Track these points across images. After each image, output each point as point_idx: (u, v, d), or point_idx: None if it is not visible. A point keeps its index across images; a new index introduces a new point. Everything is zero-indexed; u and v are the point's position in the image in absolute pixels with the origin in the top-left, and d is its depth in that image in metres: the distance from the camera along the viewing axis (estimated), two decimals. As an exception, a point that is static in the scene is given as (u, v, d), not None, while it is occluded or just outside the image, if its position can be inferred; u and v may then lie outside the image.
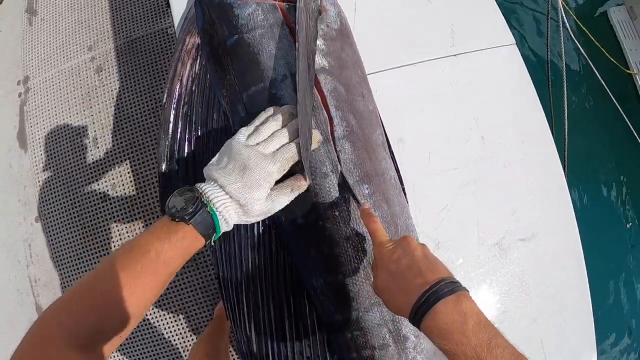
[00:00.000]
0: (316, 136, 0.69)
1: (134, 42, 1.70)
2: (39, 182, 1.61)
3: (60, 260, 1.56)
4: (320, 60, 0.78)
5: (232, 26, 0.80)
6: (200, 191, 0.61)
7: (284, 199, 0.63)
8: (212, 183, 0.62)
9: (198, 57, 0.86)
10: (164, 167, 0.83)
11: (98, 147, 1.59)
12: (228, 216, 0.61)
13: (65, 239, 1.57)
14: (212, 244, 0.64)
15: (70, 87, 1.68)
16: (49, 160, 1.63)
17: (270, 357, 0.75)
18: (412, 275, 0.56)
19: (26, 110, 1.69)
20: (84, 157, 1.60)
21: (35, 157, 1.64)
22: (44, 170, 1.62)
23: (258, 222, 0.76)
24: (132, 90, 1.64)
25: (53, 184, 1.61)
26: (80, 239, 1.56)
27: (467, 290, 0.55)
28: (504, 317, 0.99)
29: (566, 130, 1.97)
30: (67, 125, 1.64)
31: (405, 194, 0.83)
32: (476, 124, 0.98)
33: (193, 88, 0.85)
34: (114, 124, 1.62)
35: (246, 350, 0.76)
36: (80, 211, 1.57)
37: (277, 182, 0.63)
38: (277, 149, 0.63)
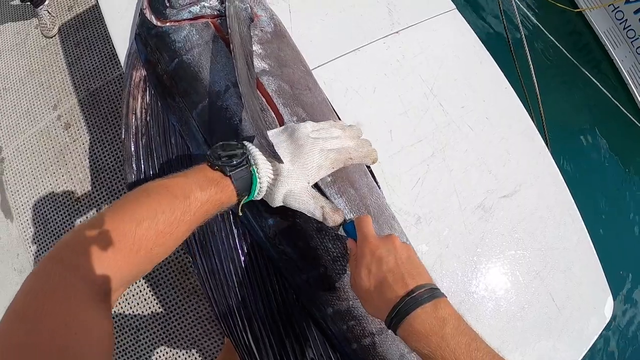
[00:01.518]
0: (373, 154, 0.69)
1: (95, 93, 1.73)
2: (29, 247, 1.62)
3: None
4: (259, 64, 0.79)
5: (171, 51, 0.83)
6: (248, 149, 0.60)
7: (309, 203, 0.61)
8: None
9: (147, 87, 0.88)
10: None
11: (80, 201, 1.60)
12: (264, 182, 0.59)
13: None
14: (240, 213, 0.61)
15: (43, 149, 1.70)
16: (35, 223, 1.64)
17: None
18: (392, 280, 0.55)
19: (4, 179, 1.70)
20: (69, 214, 1.60)
21: (22, 224, 1.65)
22: (32, 235, 1.63)
23: (232, 233, 0.77)
24: (102, 140, 1.67)
25: (44, 246, 1.61)
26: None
27: (445, 296, 0.55)
28: (505, 279, 0.98)
29: (537, 89, 1.98)
30: (47, 186, 1.65)
31: (373, 174, 0.84)
32: (432, 93, 0.99)
33: (147, 118, 0.87)
34: (91, 175, 1.64)
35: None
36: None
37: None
38: (334, 148, 0.64)
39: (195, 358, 1.51)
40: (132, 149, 0.85)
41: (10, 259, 1.62)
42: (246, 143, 0.61)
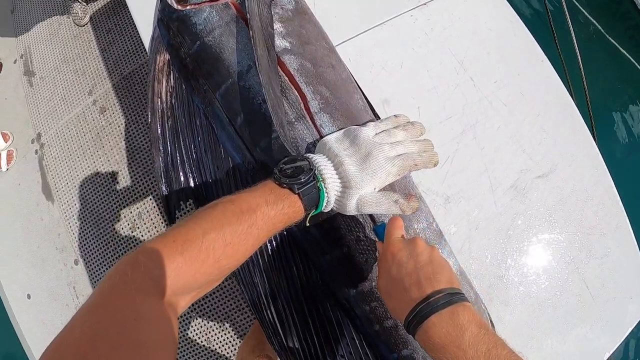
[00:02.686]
0: (435, 158, 0.66)
1: (128, 77, 1.77)
2: (70, 227, 1.70)
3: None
4: (280, 42, 0.78)
5: (193, 34, 0.82)
6: (314, 164, 0.60)
7: (383, 204, 0.61)
8: (324, 157, 0.61)
9: (171, 71, 0.88)
10: (163, 182, 0.86)
11: (117, 182, 1.67)
12: (332, 196, 0.60)
13: (105, 273, 1.64)
14: (307, 223, 0.62)
15: (81, 133, 1.77)
16: (75, 204, 1.72)
17: (299, 346, 0.75)
18: (410, 284, 0.54)
19: (45, 164, 1.80)
20: (107, 194, 1.68)
21: (62, 205, 1.74)
22: (73, 215, 1.71)
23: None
24: (137, 122, 1.71)
25: (84, 225, 1.69)
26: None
27: (467, 301, 0.53)
28: (537, 264, 0.95)
29: (580, 63, 1.84)
30: (85, 169, 1.73)
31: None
32: (462, 67, 0.94)
33: (172, 101, 0.88)
34: (127, 157, 1.70)
35: (278, 345, 0.77)
36: (114, 244, 1.65)
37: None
38: (399, 155, 0.62)
39: (228, 331, 1.57)
40: (159, 131, 0.87)
41: (52, 238, 1.72)
42: (311, 156, 0.62)
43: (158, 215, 1.62)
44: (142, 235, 1.62)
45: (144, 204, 1.64)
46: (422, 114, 0.90)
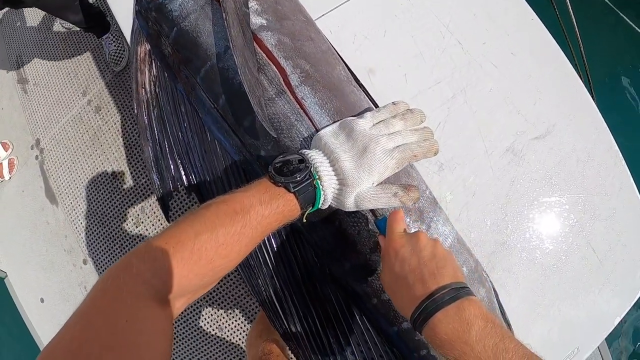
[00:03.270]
0: (434, 147, 0.64)
1: (119, 74, 1.78)
2: (76, 228, 1.73)
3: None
4: (256, 20, 0.76)
5: (170, 21, 0.82)
6: (310, 161, 0.59)
7: (382, 198, 0.60)
8: (320, 153, 0.60)
9: (152, 61, 0.88)
10: (154, 172, 0.86)
11: (118, 179, 1.69)
12: (329, 194, 0.59)
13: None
14: (304, 220, 0.61)
15: (78, 134, 1.79)
16: (79, 205, 1.75)
17: (300, 326, 0.75)
18: (414, 281, 0.54)
19: (46, 168, 1.82)
20: (108, 192, 1.71)
21: (67, 207, 1.76)
22: (77, 216, 1.74)
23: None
24: (132, 118, 1.72)
25: (89, 225, 1.72)
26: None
27: (472, 295, 0.52)
28: (539, 228, 0.93)
29: (575, 23, 1.78)
30: (85, 169, 1.75)
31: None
32: (448, 31, 0.92)
33: (156, 90, 0.88)
34: (125, 153, 1.71)
35: (280, 326, 0.77)
36: (120, 241, 1.68)
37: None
38: (398, 146, 0.61)
39: (238, 317, 1.59)
40: (146, 121, 0.87)
41: (59, 240, 1.75)
42: (306, 152, 0.60)
43: (159, 209, 1.64)
44: (146, 229, 1.64)
45: (146, 198, 1.66)
46: (409, 81, 0.88)
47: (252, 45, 0.74)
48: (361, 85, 0.81)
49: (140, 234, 1.64)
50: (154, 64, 0.88)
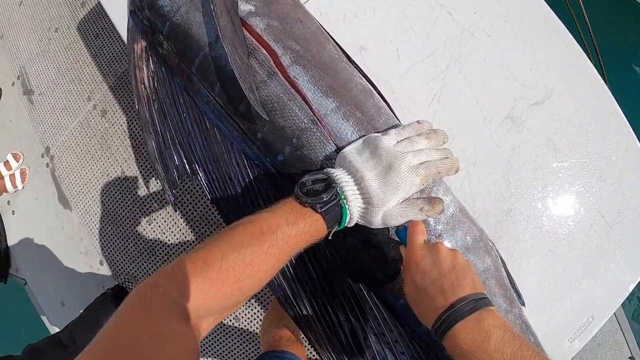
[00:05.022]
0: (456, 164, 0.66)
1: (122, 76, 1.83)
2: (91, 230, 1.80)
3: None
4: (244, 7, 0.79)
5: (162, 16, 0.85)
6: (336, 181, 0.60)
7: (409, 214, 0.61)
8: (345, 172, 0.61)
9: (149, 57, 0.92)
10: (159, 164, 0.90)
11: (128, 179, 1.75)
12: (355, 213, 0.60)
13: (130, 269, 1.75)
14: (329, 237, 0.62)
15: (86, 139, 1.85)
16: (92, 208, 1.81)
17: (310, 307, 0.78)
18: (434, 293, 0.56)
19: (57, 175, 1.89)
20: (120, 192, 1.77)
21: (80, 211, 1.83)
22: (91, 219, 1.81)
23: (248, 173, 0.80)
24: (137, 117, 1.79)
25: (103, 226, 1.78)
26: (143, 262, 1.73)
27: (491, 306, 0.55)
28: (545, 195, 0.94)
29: None
30: (96, 172, 1.82)
31: (381, 94, 0.82)
32: (438, 3, 0.93)
33: (155, 85, 0.92)
34: (134, 153, 1.77)
35: (292, 310, 0.80)
36: (134, 239, 1.74)
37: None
38: (422, 163, 0.62)
39: (253, 305, 1.65)
40: (147, 115, 0.91)
41: (76, 244, 1.82)
42: (331, 171, 0.62)
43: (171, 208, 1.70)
44: (159, 226, 1.70)
45: (157, 195, 1.72)
46: (402, 56, 0.90)
47: (241, 32, 0.78)
48: (353, 63, 0.84)
49: (153, 231, 1.70)
50: (150, 60, 0.92)
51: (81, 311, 1.61)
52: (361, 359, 0.78)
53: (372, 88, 0.81)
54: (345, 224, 0.61)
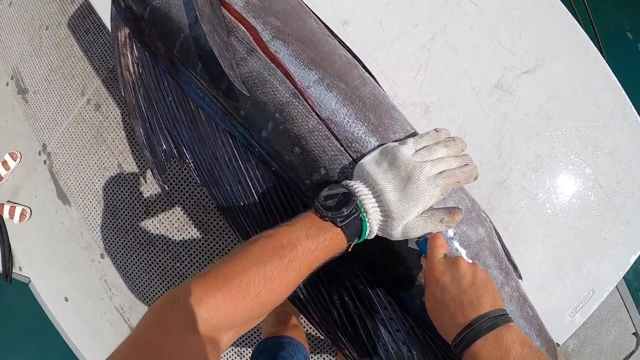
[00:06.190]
0: (475, 171, 0.67)
1: (114, 69, 1.85)
2: (90, 224, 1.83)
3: (135, 281, 1.78)
4: (223, -15, 0.80)
5: (142, 1, 0.86)
6: (356, 194, 0.60)
7: (429, 226, 0.61)
8: (364, 185, 0.62)
9: (132, 43, 0.93)
10: (147, 149, 0.91)
11: (125, 171, 1.78)
12: (374, 226, 0.61)
13: (131, 261, 1.78)
14: (349, 250, 0.63)
15: (82, 133, 1.88)
16: (90, 202, 1.85)
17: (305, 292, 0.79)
18: (454, 309, 0.57)
19: (55, 171, 1.92)
20: (117, 185, 1.80)
21: (79, 206, 1.86)
22: (90, 213, 1.84)
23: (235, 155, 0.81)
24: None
25: (102, 219, 1.82)
26: (143, 256, 1.76)
27: (511, 322, 0.56)
28: (538, 165, 0.93)
29: None
30: (93, 166, 1.85)
31: (364, 66, 0.82)
32: (422, -27, 0.92)
33: (140, 71, 0.93)
34: (129, 146, 1.79)
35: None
36: (133, 231, 1.77)
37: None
38: (441, 172, 0.63)
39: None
40: (133, 102, 0.92)
41: (76, 239, 1.85)
42: (350, 184, 0.62)
43: (168, 198, 1.71)
44: (156, 215, 1.73)
45: (154, 185, 1.74)
46: (386, 28, 0.89)
47: (220, 10, 0.78)
48: (336, 36, 0.84)
49: (152, 222, 1.73)
50: (134, 46, 0.93)
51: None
52: (357, 338, 0.78)
53: (355, 60, 0.81)
54: (365, 237, 0.62)
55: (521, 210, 0.93)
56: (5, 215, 1.99)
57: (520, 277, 0.87)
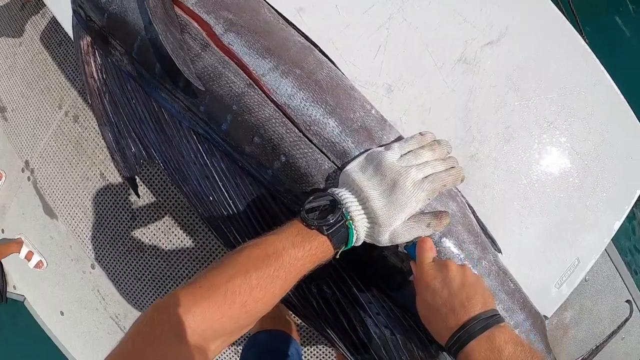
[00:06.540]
0: (461, 174, 0.69)
1: (89, 81, 1.89)
2: (79, 236, 1.87)
3: (127, 288, 1.82)
4: (175, -15, 0.83)
5: (100, 9, 0.89)
6: (341, 202, 0.62)
7: (416, 231, 0.63)
8: (349, 192, 0.63)
9: (95, 50, 0.97)
10: (117, 153, 0.95)
11: (107, 180, 1.83)
12: (361, 233, 0.62)
13: (122, 269, 1.82)
14: (337, 257, 0.65)
15: (62, 146, 1.92)
16: (77, 214, 1.89)
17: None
18: (446, 313, 0.60)
19: (39, 187, 1.97)
20: (101, 194, 1.84)
21: (66, 219, 1.90)
22: (78, 225, 1.88)
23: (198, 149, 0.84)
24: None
25: (90, 230, 1.85)
26: (133, 262, 1.80)
27: (502, 322, 0.59)
28: (510, 135, 0.93)
29: None
30: (75, 177, 1.89)
31: (323, 53, 0.84)
32: (374, -45, 0.94)
33: (104, 77, 0.96)
34: (110, 154, 1.84)
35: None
36: (121, 238, 1.81)
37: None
38: (427, 176, 0.64)
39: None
40: (100, 108, 0.95)
41: (66, 252, 1.90)
42: (336, 192, 0.64)
43: (153, 198, 1.76)
44: (143, 222, 1.77)
45: (139, 196, 1.79)
46: (341, 11, 0.91)
47: (172, 9, 0.81)
48: (291, 24, 0.86)
49: (137, 226, 1.77)
50: (97, 53, 0.96)
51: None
52: (338, 324, 0.81)
53: (311, 45, 0.84)
54: (353, 244, 0.64)
55: (495, 184, 0.94)
56: (22, 256, 2.03)
57: (500, 251, 0.89)
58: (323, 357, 1.69)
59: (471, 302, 0.59)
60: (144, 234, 1.74)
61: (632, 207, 1.01)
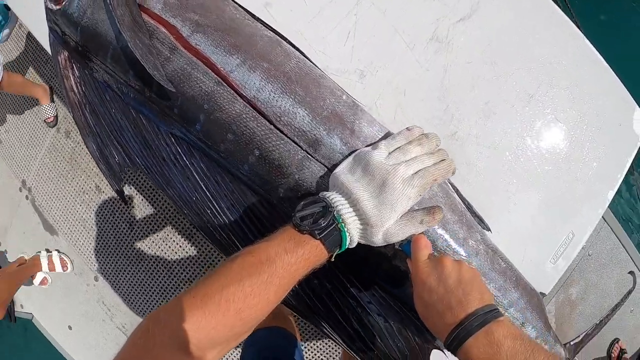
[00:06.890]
0: (452, 166, 0.70)
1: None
2: (80, 250, 1.93)
3: (131, 298, 1.87)
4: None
5: (74, 23, 0.93)
6: (332, 205, 0.63)
7: (409, 229, 0.64)
8: (339, 195, 0.64)
9: (72, 64, 1.01)
10: (102, 162, 0.99)
11: (103, 192, 1.87)
12: (354, 235, 0.64)
13: (124, 279, 1.87)
14: (332, 259, 0.66)
15: (57, 163, 1.98)
16: (76, 228, 1.94)
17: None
18: (443, 310, 0.61)
19: (38, 204, 2.03)
20: (99, 206, 1.89)
21: (66, 234, 1.96)
22: (78, 239, 1.93)
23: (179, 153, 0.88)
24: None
25: (90, 243, 1.91)
26: (135, 271, 1.85)
27: (500, 316, 0.60)
28: (490, 110, 0.94)
29: None
30: (72, 192, 1.94)
31: (289, 41, 0.86)
32: (336, -56, 0.96)
33: (83, 89, 1.01)
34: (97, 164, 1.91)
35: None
36: (122, 248, 1.86)
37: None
38: (416, 172, 0.65)
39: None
40: (82, 120, 1.00)
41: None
42: (326, 195, 0.65)
43: (148, 205, 1.80)
44: (140, 228, 1.82)
45: (131, 199, 1.83)
46: (308, 1, 0.93)
47: (140, 17, 0.85)
48: (257, 19, 0.90)
49: (136, 235, 1.82)
50: (74, 67, 1.01)
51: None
52: (331, 315, 0.84)
53: (280, 38, 0.87)
54: (347, 246, 0.65)
55: (479, 161, 0.94)
56: (51, 267, 2.07)
57: (489, 229, 0.89)
58: (323, 353, 1.73)
59: (468, 298, 0.60)
60: (144, 242, 1.80)
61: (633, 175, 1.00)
